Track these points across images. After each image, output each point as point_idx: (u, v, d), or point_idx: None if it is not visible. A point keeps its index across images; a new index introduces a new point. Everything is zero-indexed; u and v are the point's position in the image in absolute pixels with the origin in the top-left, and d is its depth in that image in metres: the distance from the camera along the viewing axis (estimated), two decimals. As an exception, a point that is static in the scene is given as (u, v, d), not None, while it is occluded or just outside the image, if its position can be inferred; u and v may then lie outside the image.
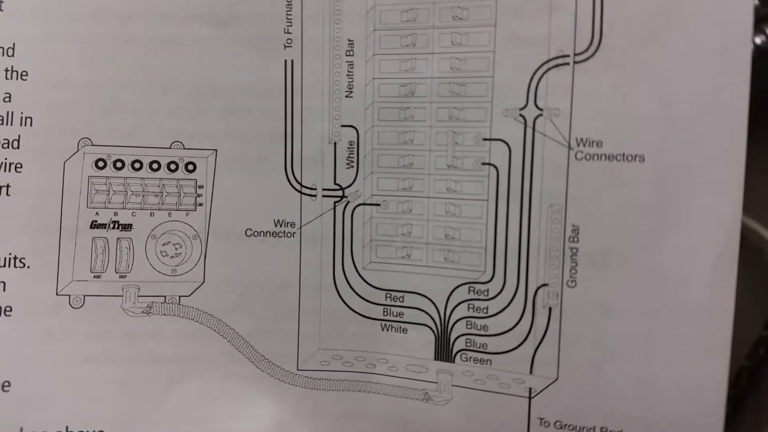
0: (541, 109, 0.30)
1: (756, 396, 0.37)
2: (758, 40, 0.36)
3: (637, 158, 0.29)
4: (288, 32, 0.33)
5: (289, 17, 0.33)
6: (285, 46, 0.33)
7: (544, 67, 0.30)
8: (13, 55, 0.33)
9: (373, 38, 0.32)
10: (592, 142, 0.30)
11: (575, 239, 0.30)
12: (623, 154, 0.29)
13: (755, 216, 0.38)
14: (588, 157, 0.30)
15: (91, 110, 0.33)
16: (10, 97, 0.33)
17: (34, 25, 0.33)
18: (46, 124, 0.33)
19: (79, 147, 0.33)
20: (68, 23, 0.33)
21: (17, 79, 0.33)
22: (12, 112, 0.33)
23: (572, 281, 0.31)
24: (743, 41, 0.28)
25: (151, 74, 0.33)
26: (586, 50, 0.30)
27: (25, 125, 0.33)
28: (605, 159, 0.30)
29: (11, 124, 0.33)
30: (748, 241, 0.37)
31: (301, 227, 0.33)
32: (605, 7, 0.29)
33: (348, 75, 0.33)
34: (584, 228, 0.30)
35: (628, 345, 0.30)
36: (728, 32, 0.28)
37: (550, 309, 0.31)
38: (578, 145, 0.30)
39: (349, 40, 0.33)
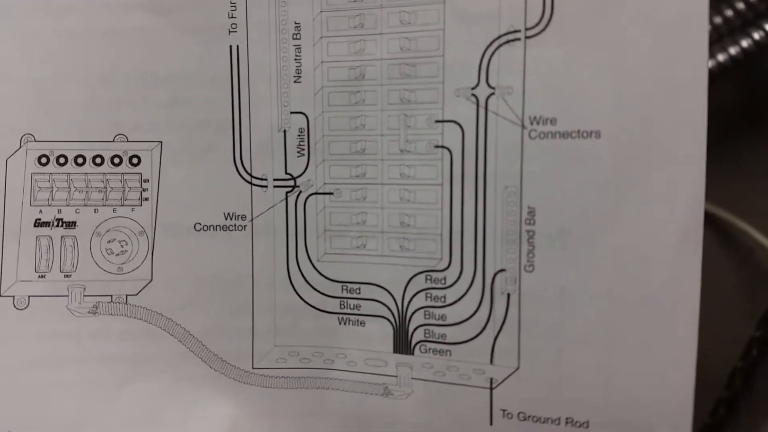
0: (493, 88, 0.29)
1: (750, 397, 0.36)
2: (756, 36, 0.35)
3: (593, 134, 0.28)
4: (232, 17, 0.31)
5: (233, 1, 0.31)
6: (230, 32, 0.32)
7: (495, 44, 0.29)
8: (-52, 52, 0.31)
9: (320, 20, 0.31)
10: (546, 120, 0.29)
11: (532, 221, 0.29)
12: (578, 131, 0.28)
13: (745, 217, 0.38)
14: (542, 135, 0.29)
15: (32, 106, 0.32)
16: (-53, 95, 0.31)
17: (-29, 20, 0.31)
18: (-13, 121, 0.32)
19: (22, 143, 0.32)
20: (6, 18, 0.32)
21: (-46, 76, 0.31)
22: (-51, 111, 0.31)
23: (530, 265, 0.29)
24: (700, 7, 0.27)
25: (93, 67, 0.32)
26: (537, 24, 0.28)
27: (-36, 124, 0.31)
28: (560, 137, 0.28)
29: (-51, 123, 0.31)
30: (738, 242, 0.37)
31: (252, 219, 0.32)
32: (555, -21, 0.28)
33: (296, 59, 0.31)
34: (541, 209, 0.29)
35: (590, 330, 0.29)
36: (684, -1, 0.27)
37: (508, 295, 0.30)
38: (532, 124, 0.29)
39: (296, 23, 0.31)
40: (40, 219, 0.32)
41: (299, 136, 0.32)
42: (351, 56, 0.31)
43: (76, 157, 0.32)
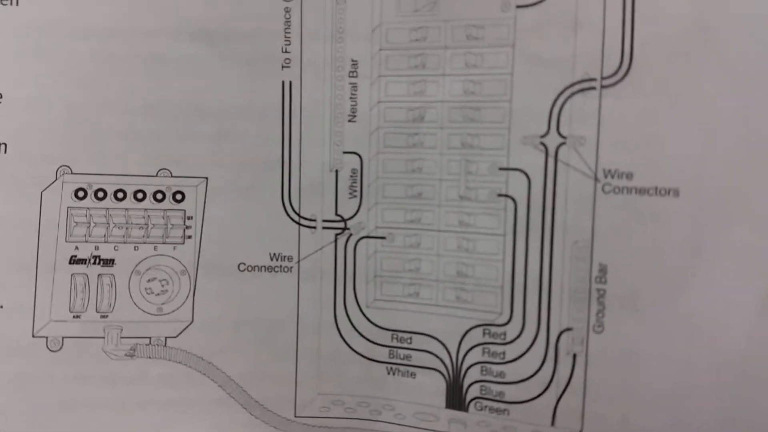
0: (564, 137, 0.28)
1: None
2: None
3: (671, 192, 0.27)
4: (286, 51, 0.30)
5: (287, 35, 0.30)
6: (283, 66, 0.30)
7: (568, 92, 0.28)
8: (-17, 75, 0.30)
9: (378, 58, 0.30)
10: (622, 174, 0.27)
11: (603, 280, 0.28)
12: (656, 188, 0.27)
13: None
14: (617, 190, 0.28)
15: (70, 135, 0.30)
16: (-19, 121, 0.30)
17: (7, 41, 0.30)
18: (22, 150, 0.30)
19: (58, 175, 0.31)
20: (46, 40, 0.30)
21: (-11, 101, 0.30)
22: (-17, 138, 0.30)
23: (599, 326, 0.28)
24: (793, 61, 0.26)
25: (136, 96, 0.30)
26: (615, 73, 0.27)
27: (-2, 152, 0.30)
28: (636, 193, 0.27)
29: (-18, 151, 0.30)
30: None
31: (299, 261, 0.31)
32: (636, 25, 0.27)
33: (351, 98, 0.30)
34: (612, 268, 0.28)
35: (660, 396, 0.28)
36: (771, 52, 0.26)
37: (574, 355, 0.29)
38: (606, 177, 0.28)
39: (353, 60, 0.30)
40: (75, 256, 0.31)
41: (352, 176, 0.31)
42: (410, 97, 0.30)
43: (116, 192, 0.31)
